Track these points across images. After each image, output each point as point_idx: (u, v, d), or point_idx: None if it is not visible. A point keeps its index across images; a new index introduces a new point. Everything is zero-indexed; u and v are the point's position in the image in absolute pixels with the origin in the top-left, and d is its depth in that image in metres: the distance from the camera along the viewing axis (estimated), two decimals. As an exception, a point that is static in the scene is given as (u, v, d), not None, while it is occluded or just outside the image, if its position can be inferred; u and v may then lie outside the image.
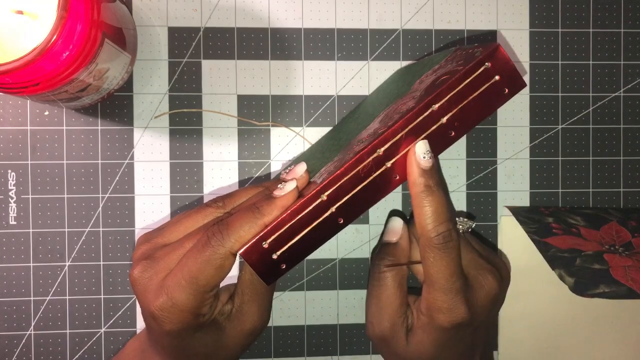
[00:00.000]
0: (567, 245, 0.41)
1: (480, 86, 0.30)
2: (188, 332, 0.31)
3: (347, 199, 0.30)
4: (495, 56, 0.30)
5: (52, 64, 0.32)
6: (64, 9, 0.31)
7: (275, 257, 0.29)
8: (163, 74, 0.43)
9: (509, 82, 0.30)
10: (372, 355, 0.45)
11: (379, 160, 0.30)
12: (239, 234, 0.29)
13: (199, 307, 0.30)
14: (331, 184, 0.30)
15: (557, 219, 0.44)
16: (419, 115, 0.30)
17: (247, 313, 0.33)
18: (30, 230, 0.43)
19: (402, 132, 0.30)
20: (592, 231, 0.43)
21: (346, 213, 0.30)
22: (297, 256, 0.30)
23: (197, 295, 0.30)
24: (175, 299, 0.30)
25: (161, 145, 0.43)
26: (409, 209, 0.45)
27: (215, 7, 0.44)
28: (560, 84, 0.46)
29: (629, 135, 0.46)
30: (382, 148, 0.30)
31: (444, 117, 0.30)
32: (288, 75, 0.44)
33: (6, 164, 0.42)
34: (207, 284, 0.30)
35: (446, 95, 0.30)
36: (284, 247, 0.29)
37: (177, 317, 0.30)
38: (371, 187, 0.30)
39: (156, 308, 0.30)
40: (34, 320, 0.43)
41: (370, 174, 0.30)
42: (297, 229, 0.29)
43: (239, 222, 0.30)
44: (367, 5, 0.45)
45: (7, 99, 0.42)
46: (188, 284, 0.29)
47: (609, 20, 0.46)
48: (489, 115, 0.31)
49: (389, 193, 0.30)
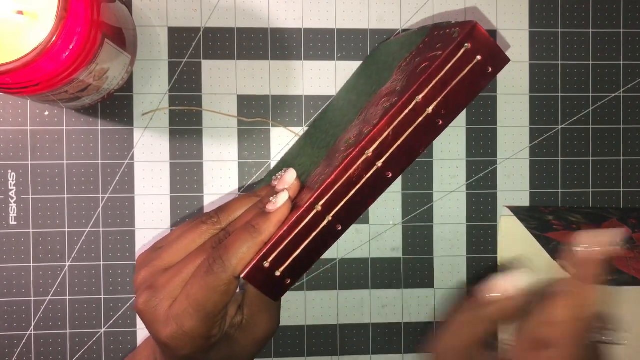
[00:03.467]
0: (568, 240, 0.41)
1: (462, 69, 0.29)
2: (201, 353, 0.31)
3: (342, 206, 0.29)
4: (474, 35, 0.29)
5: (52, 64, 0.32)
6: (64, 9, 0.31)
7: (279, 275, 0.29)
8: (163, 74, 0.43)
9: (491, 60, 0.29)
10: (372, 356, 0.45)
11: (368, 161, 0.29)
12: (239, 257, 0.29)
13: (209, 330, 0.30)
14: (324, 192, 0.29)
15: (557, 217, 0.44)
16: (404, 109, 0.29)
17: (258, 323, 0.33)
18: (30, 230, 0.43)
19: (389, 129, 0.29)
20: (592, 227, 0.43)
21: (343, 219, 0.29)
22: (300, 269, 0.29)
23: (206, 321, 0.30)
24: (185, 327, 0.30)
25: (161, 146, 0.43)
26: (408, 208, 0.45)
27: (215, 7, 0.44)
28: (560, 84, 0.46)
29: (629, 135, 0.46)
30: (371, 149, 0.29)
31: (430, 107, 0.29)
32: (288, 75, 0.44)
33: (6, 164, 0.42)
34: (214, 310, 0.30)
35: (428, 85, 0.29)
36: (286, 263, 0.29)
37: (190, 343, 0.30)
38: (365, 189, 0.29)
39: (167, 338, 0.30)
40: (34, 321, 0.43)
41: (362, 176, 0.29)
42: (297, 242, 0.29)
43: (237, 243, 0.29)
44: (367, 5, 0.45)
45: (7, 99, 0.42)
46: (196, 311, 0.29)
47: (609, 20, 0.46)
48: (475, 97, 0.30)
49: (383, 192, 0.30)
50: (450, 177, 0.45)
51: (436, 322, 0.45)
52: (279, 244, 0.29)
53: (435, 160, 0.45)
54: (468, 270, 0.45)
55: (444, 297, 0.45)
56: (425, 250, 0.45)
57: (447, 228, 0.45)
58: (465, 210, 0.45)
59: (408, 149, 0.29)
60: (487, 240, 0.45)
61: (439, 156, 0.45)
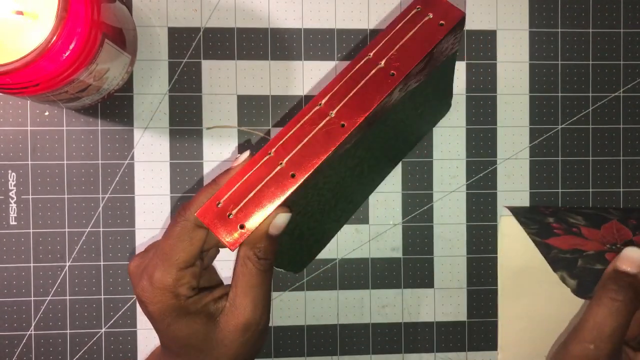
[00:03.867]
0: (569, 245, 0.41)
1: (413, 27, 0.31)
2: (171, 314, 0.32)
3: (295, 152, 0.30)
4: (426, 1, 0.32)
5: (52, 64, 0.32)
6: (64, 9, 0.31)
7: (232, 217, 0.30)
8: (163, 74, 0.43)
9: (443, 15, 0.31)
10: (372, 355, 0.45)
11: (321, 111, 0.31)
12: (198, 205, 0.31)
13: (176, 285, 0.32)
14: (277, 139, 0.30)
15: (557, 219, 0.44)
16: (355, 64, 0.31)
17: (240, 306, 0.33)
18: (30, 230, 0.43)
19: (341, 81, 0.31)
20: (592, 230, 0.43)
21: (297, 166, 0.30)
22: (253, 215, 0.30)
23: (172, 271, 0.31)
24: (153, 278, 0.32)
25: (161, 146, 0.43)
26: (408, 208, 0.45)
27: (215, 8, 0.44)
28: (560, 84, 0.46)
29: (629, 135, 0.46)
30: (323, 100, 0.31)
31: (382, 61, 0.31)
32: (288, 76, 0.44)
33: (6, 164, 0.42)
34: (179, 259, 0.31)
35: (380, 42, 0.31)
36: (238, 205, 0.30)
37: (157, 296, 0.32)
38: (319, 137, 0.30)
39: (139, 290, 0.32)
40: (35, 321, 0.43)
41: (316, 124, 0.31)
42: (249, 186, 0.30)
43: (200, 195, 0.32)
44: (367, 5, 0.45)
45: (8, 100, 0.42)
46: (162, 261, 0.31)
47: (609, 20, 0.46)
48: (430, 50, 0.31)
49: (337, 144, 0.30)
50: (450, 177, 0.45)
51: (436, 322, 0.45)
52: (231, 185, 0.30)
53: (435, 160, 0.45)
54: (468, 270, 0.45)
55: (444, 297, 0.45)
56: (425, 250, 0.45)
57: (447, 228, 0.45)
58: (465, 210, 0.45)
59: (361, 98, 0.31)
60: (487, 240, 0.45)
61: (439, 156, 0.45)
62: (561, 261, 0.40)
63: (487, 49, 0.45)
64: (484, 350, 0.45)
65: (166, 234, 0.32)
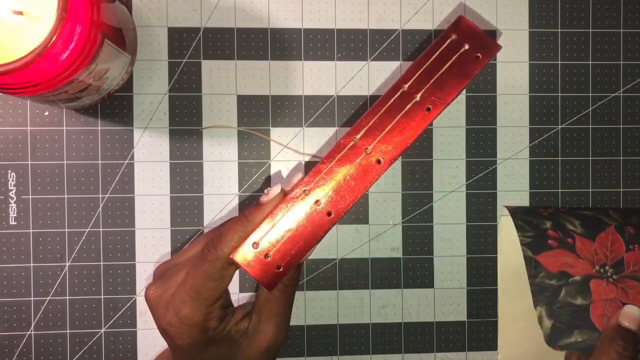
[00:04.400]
0: (558, 266, 0.41)
1: (449, 58, 0.30)
2: (200, 347, 0.32)
3: (331, 190, 0.30)
4: (459, 26, 0.30)
5: (52, 64, 0.32)
6: (63, 9, 0.31)
7: (269, 259, 0.30)
8: (163, 74, 0.44)
9: (480, 48, 0.30)
10: (372, 355, 0.45)
11: (356, 147, 0.30)
12: (231, 244, 0.30)
13: (205, 320, 0.31)
14: (312, 176, 0.29)
15: (555, 224, 0.43)
16: (390, 97, 0.30)
17: (264, 331, 0.33)
18: (30, 230, 0.43)
19: (376, 116, 0.30)
20: (587, 242, 0.43)
21: (333, 205, 0.30)
22: (291, 255, 0.29)
23: (202, 308, 0.31)
24: (181, 314, 0.31)
25: (161, 146, 0.43)
26: (408, 208, 0.45)
27: (215, 8, 0.44)
28: (560, 84, 0.46)
29: (629, 135, 0.46)
30: (358, 135, 0.30)
31: (417, 95, 0.30)
32: (288, 76, 0.44)
33: (6, 164, 0.42)
34: (210, 297, 0.31)
35: (415, 74, 0.30)
36: (275, 246, 0.29)
37: (186, 332, 0.31)
38: (354, 173, 0.30)
39: (165, 324, 0.31)
40: (34, 321, 0.43)
41: (351, 161, 0.30)
42: (285, 226, 0.29)
43: (230, 232, 0.31)
44: (367, 5, 0.45)
45: (7, 100, 0.42)
46: (191, 298, 0.30)
47: (609, 20, 0.46)
48: (467, 82, 0.30)
49: (374, 180, 0.30)
50: (450, 177, 0.45)
51: (436, 322, 0.45)
52: (267, 225, 0.30)
53: (435, 160, 0.45)
54: (468, 270, 0.45)
55: (444, 297, 0.45)
56: (425, 250, 0.45)
57: (447, 228, 0.45)
58: (465, 210, 0.45)
59: (397, 134, 0.30)
60: (487, 240, 0.45)
61: (439, 156, 0.45)
62: (544, 291, 0.40)
63: (487, 49, 0.45)
64: (484, 350, 0.45)
65: (195, 270, 0.31)
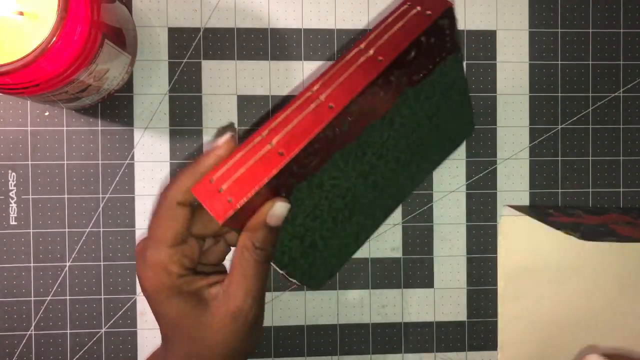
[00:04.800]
0: (570, 221, 0.42)
1: (402, 19, 0.33)
2: (164, 291, 0.33)
3: (285, 133, 0.32)
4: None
5: (52, 64, 0.32)
6: (64, 9, 0.31)
7: (222, 191, 0.31)
8: (163, 74, 0.44)
9: (431, 8, 0.33)
10: (372, 355, 0.45)
11: (312, 97, 0.32)
12: (180, 184, 0.33)
13: (166, 261, 0.33)
14: (269, 122, 0.32)
15: (557, 210, 0.44)
16: (347, 55, 0.33)
17: (232, 293, 0.33)
18: (30, 230, 0.43)
19: (333, 69, 0.33)
20: (593, 217, 0.43)
21: (286, 145, 0.31)
22: (242, 189, 0.31)
23: (160, 248, 0.33)
24: (146, 258, 0.33)
25: (161, 146, 0.44)
26: (408, 207, 0.45)
27: (215, 8, 0.44)
28: (560, 84, 0.46)
29: (629, 135, 0.46)
30: (315, 87, 0.32)
31: (371, 49, 0.33)
32: (288, 76, 0.44)
33: (6, 164, 0.42)
34: (165, 236, 0.33)
35: (371, 35, 0.33)
36: (229, 179, 0.31)
37: (149, 272, 0.33)
38: (308, 119, 0.32)
39: (137, 269, 0.34)
40: (35, 321, 0.43)
41: (305, 107, 0.32)
42: (240, 163, 0.32)
43: (181, 175, 0.34)
44: (367, 5, 0.45)
45: (8, 100, 0.42)
46: (153, 242, 0.33)
47: (609, 20, 0.46)
48: (415, 36, 0.33)
49: (325, 123, 0.31)
50: (450, 177, 0.45)
51: (436, 322, 0.45)
52: (225, 163, 0.32)
53: (435, 160, 0.45)
54: (468, 270, 0.45)
55: (444, 297, 0.45)
56: (425, 250, 0.45)
57: (447, 228, 0.45)
58: (465, 210, 0.45)
59: (349, 82, 0.32)
60: (487, 240, 0.45)
61: (439, 156, 0.45)
62: (564, 227, 0.41)
63: (487, 49, 0.45)
64: (484, 350, 0.45)
65: (153, 217, 0.34)
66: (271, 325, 0.44)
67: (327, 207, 0.37)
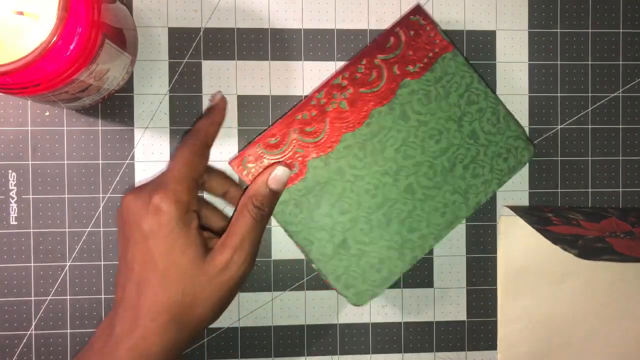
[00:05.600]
0: (568, 232, 0.42)
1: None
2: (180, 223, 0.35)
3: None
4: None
5: (52, 64, 0.32)
6: (64, 9, 0.31)
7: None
8: (163, 74, 0.44)
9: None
10: (371, 355, 0.45)
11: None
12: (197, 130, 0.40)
13: (188, 196, 0.36)
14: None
15: (556, 214, 0.44)
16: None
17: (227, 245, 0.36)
18: (31, 230, 0.43)
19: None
20: (592, 223, 0.43)
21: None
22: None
23: (190, 181, 0.37)
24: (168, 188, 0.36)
25: (161, 146, 0.44)
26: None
27: (215, 8, 0.44)
28: (560, 84, 0.46)
29: (628, 135, 0.46)
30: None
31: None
32: (288, 76, 0.44)
33: (7, 164, 0.43)
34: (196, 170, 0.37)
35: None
36: None
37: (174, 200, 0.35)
38: None
39: (157, 200, 0.35)
40: (35, 320, 0.43)
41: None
42: None
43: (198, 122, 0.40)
44: (367, 5, 0.45)
45: (8, 100, 0.42)
46: (181, 173, 0.37)
47: (608, 20, 0.46)
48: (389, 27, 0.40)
49: None
50: (450, 177, 0.45)
51: (436, 322, 0.45)
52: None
53: (435, 160, 0.45)
54: (468, 270, 0.45)
55: (444, 297, 0.45)
56: (425, 250, 0.45)
57: (446, 228, 0.45)
58: (464, 210, 0.45)
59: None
60: (487, 240, 0.45)
61: (439, 156, 0.45)
62: (562, 240, 0.40)
63: (486, 49, 0.45)
64: (484, 350, 0.45)
65: (181, 151, 0.38)
66: (271, 325, 0.44)
67: (355, 202, 0.39)
